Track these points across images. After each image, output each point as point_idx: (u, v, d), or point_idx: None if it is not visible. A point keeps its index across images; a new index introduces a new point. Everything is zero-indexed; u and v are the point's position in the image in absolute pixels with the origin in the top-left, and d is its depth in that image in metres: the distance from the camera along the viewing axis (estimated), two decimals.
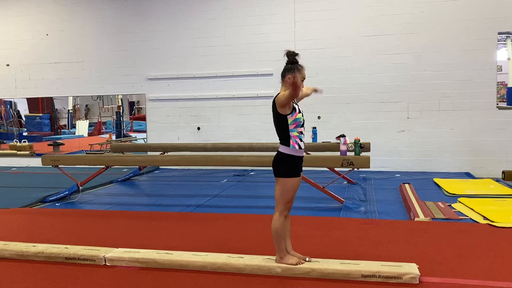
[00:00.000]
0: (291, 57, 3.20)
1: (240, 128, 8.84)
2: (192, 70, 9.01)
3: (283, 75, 3.18)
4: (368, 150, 6.36)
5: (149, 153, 7.85)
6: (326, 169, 6.65)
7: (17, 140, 11.00)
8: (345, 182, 6.76)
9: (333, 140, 6.71)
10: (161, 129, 9.31)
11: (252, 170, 8.43)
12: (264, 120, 8.64)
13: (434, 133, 7.96)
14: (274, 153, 6.48)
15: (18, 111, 16.83)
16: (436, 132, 7.94)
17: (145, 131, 9.84)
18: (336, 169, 6.50)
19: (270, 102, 8.81)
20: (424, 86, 7.94)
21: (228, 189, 6.67)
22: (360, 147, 5.18)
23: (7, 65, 9.94)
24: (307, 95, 3.56)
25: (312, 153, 6.61)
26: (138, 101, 17.41)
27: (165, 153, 7.24)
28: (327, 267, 2.95)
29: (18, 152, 10.38)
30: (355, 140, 5.22)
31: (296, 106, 3.13)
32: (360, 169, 5.50)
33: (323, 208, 5.16)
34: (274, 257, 3.14)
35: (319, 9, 8.28)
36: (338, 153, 5.72)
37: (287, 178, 2.99)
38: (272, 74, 8.54)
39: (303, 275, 2.94)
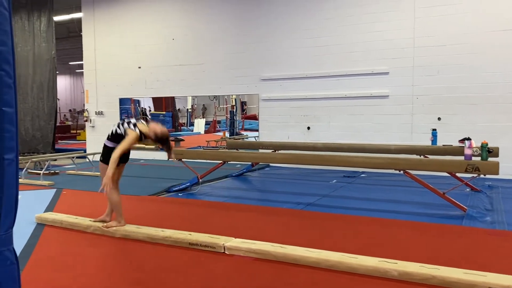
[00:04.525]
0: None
1: (351, 128, 8.69)
2: (304, 70, 9.10)
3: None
4: (496, 155, 5.80)
5: (261, 150, 8.12)
6: (445, 174, 6.23)
7: None
8: (467, 189, 6.25)
9: (455, 143, 6.25)
10: (272, 128, 9.57)
11: (363, 172, 8.23)
12: (377, 121, 8.39)
13: None
14: (387, 155, 6.31)
15: (145, 109, 18.67)
16: None
17: (255, 130, 10.20)
18: (458, 174, 6.05)
19: (384, 102, 8.62)
20: None
21: (338, 189, 6.61)
22: (488, 151, 4.75)
23: (139, 67, 11.06)
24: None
25: (431, 157, 6.24)
26: (245, 102, 18.12)
27: (276, 151, 7.43)
28: (449, 275, 2.78)
29: (146, 146, 11.51)
30: (482, 144, 4.79)
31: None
32: (486, 176, 5.04)
33: (442, 215, 4.85)
34: (389, 260, 3.06)
35: (443, 4, 7.77)
36: (460, 158, 5.33)
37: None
38: (387, 73, 8.25)
39: (422, 281, 2.82)
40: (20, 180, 1.55)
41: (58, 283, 3.01)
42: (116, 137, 4.04)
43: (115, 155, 3.86)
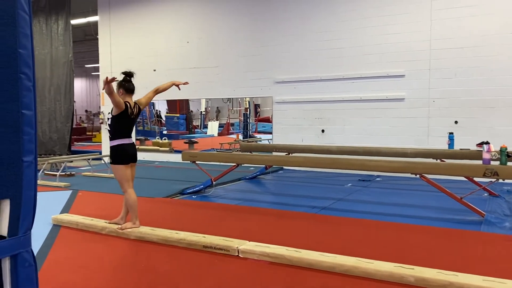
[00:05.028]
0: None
1: (366, 131, 8.61)
2: (318, 72, 9.06)
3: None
4: None
5: (274, 153, 8.10)
6: (463, 178, 6.15)
7: (159, 138, 12.31)
8: (485, 194, 6.14)
9: (473, 147, 6.15)
10: (286, 130, 9.54)
11: (378, 176, 8.15)
12: (393, 124, 8.31)
13: None
14: (403, 159, 6.23)
15: (159, 111, 18.83)
16: None
17: (268, 133, 10.18)
18: (475, 179, 5.94)
19: (400, 105, 8.53)
20: None
21: (353, 193, 6.55)
22: (507, 156, 4.65)
23: (154, 70, 11.14)
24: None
25: (448, 161, 6.15)
26: (259, 104, 18.17)
27: (290, 154, 7.40)
28: (467, 282, 2.72)
29: (160, 148, 11.60)
30: (501, 148, 4.70)
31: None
32: (505, 181, 4.95)
33: (460, 221, 4.76)
34: (406, 265, 3.01)
35: (461, 6, 7.65)
36: (478, 162, 5.23)
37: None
38: (403, 75, 8.16)
39: None
40: None
41: (74, 283, 3.03)
42: (113, 133, 4.17)
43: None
